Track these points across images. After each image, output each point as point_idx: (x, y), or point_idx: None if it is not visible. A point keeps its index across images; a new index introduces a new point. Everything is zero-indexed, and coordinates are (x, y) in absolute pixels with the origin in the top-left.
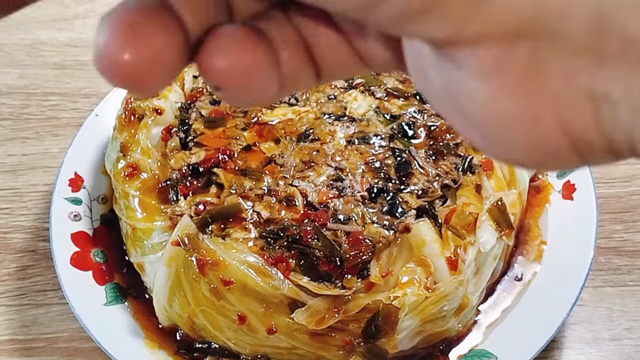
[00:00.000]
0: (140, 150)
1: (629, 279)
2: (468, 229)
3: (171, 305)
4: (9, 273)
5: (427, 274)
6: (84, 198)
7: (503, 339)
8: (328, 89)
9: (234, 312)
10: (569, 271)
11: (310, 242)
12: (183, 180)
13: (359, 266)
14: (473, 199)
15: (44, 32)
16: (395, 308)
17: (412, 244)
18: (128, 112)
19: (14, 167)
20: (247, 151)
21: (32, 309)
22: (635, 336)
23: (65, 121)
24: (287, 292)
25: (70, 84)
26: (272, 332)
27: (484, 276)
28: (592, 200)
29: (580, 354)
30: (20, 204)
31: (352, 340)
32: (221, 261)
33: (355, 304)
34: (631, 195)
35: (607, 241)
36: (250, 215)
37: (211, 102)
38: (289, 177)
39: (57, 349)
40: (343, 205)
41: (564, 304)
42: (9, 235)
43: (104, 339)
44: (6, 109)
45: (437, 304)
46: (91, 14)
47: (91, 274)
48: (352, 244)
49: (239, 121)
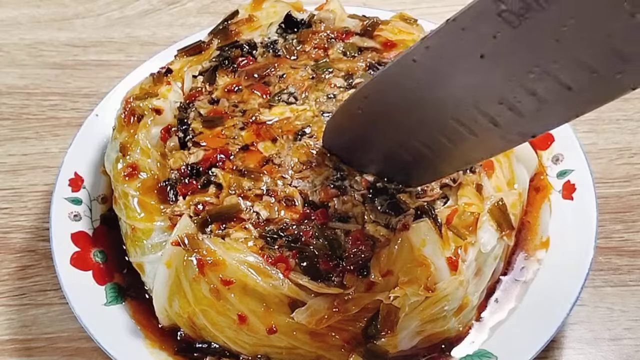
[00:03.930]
0: (139, 150)
1: (629, 279)
2: (469, 230)
3: (171, 305)
4: (9, 273)
5: (427, 274)
6: (84, 198)
7: (503, 339)
8: (328, 88)
9: (234, 312)
10: (569, 271)
11: (310, 241)
12: (182, 180)
13: (359, 265)
14: (474, 199)
15: (44, 32)
16: (395, 308)
17: (412, 243)
18: (128, 112)
19: (14, 167)
20: (245, 151)
21: (32, 309)
22: (635, 336)
23: (65, 121)
24: (287, 291)
25: (70, 84)
26: (272, 332)
27: (484, 276)
28: (592, 200)
29: (580, 354)
30: (20, 204)
31: (352, 340)
32: (221, 261)
33: (355, 304)
34: (631, 195)
35: (607, 241)
36: (250, 215)
37: (210, 101)
38: (288, 178)
39: (57, 349)
40: (343, 205)
41: (564, 304)
42: (9, 235)
43: (104, 339)
44: (6, 109)
45: (437, 304)
46: (91, 14)
47: (91, 274)
48: (352, 242)
49: (237, 120)
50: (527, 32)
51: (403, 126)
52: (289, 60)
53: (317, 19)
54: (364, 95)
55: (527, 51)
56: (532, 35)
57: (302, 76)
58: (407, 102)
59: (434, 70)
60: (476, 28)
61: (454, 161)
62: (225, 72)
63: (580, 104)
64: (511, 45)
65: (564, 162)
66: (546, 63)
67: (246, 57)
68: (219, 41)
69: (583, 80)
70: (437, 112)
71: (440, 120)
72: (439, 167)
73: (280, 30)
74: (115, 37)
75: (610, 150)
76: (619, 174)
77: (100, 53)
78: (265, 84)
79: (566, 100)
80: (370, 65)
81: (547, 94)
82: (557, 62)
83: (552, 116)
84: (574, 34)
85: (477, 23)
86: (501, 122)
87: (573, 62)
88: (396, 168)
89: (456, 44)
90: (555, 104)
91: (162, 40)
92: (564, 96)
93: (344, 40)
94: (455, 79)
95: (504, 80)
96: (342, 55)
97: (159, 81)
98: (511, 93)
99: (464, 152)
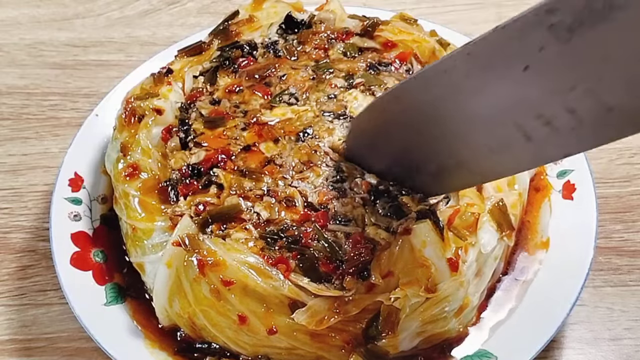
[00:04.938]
0: (140, 150)
1: (629, 279)
2: (469, 230)
3: (171, 305)
4: (9, 273)
5: (428, 275)
6: (84, 198)
7: (503, 339)
8: (328, 89)
9: (235, 313)
10: (569, 271)
11: (310, 243)
12: (183, 180)
13: (360, 267)
14: (476, 199)
15: (44, 32)
16: (396, 309)
17: (413, 245)
18: (128, 112)
19: (14, 167)
20: (247, 151)
21: (32, 309)
22: (635, 336)
23: (65, 121)
24: (288, 292)
25: (70, 84)
26: (273, 333)
27: (484, 277)
28: (592, 200)
29: (580, 354)
30: (20, 204)
31: (353, 340)
32: (222, 261)
33: (355, 305)
34: (631, 195)
35: (607, 241)
36: (250, 215)
37: (211, 102)
38: (288, 178)
39: (57, 349)
40: (343, 207)
41: (564, 304)
42: (9, 235)
43: (104, 339)
44: (6, 109)
45: (438, 305)
46: (91, 14)
47: (91, 274)
48: (353, 245)
49: (238, 121)
50: (576, 48)
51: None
52: (289, 60)
53: (317, 20)
54: (395, 97)
55: (572, 67)
56: (580, 52)
57: (303, 77)
58: (438, 109)
59: (472, 77)
60: (524, 39)
61: (478, 173)
62: (225, 72)
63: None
64: (557, 60)
65: (564, 162)
66: (591, 81)
67: (247, 57)
68: (219, 41)
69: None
70: (469, 122)
71: (471, 130)
72: (463, 178)
73: (281, 31)
74: (115, 37)
75: (610, 150)
76: (619, 174)
77: (100, 53)
78: (266, 84)
79: (605, 121)
80: (371, 65)
81: (586, 113)
82: (602, 82)
83: (587, 137)
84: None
85: (525, 34)
86: (535, 137)
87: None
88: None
89: (500, 53)
90: (592, 124)
91: (162, 40)
92: (603, 117)
93: (344, 40)
94: (493, 89)
95: (545, 95)
96: (342, 56)
97: (160, 81)
98: (550, 108)
99: (491, 165)
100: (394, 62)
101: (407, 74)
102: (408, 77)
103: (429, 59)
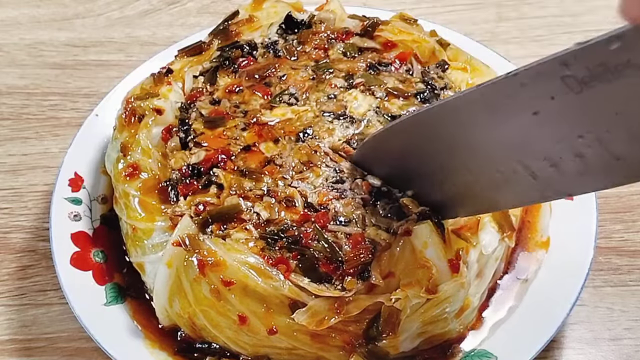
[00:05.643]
0: (140, 150)
1: (629, 279)
2: (471, 231)
3: (171, 305)
4: (9, 273)
5: (429, 276)
6: (84, 198)
7: (503, 338)
8: (328, 89)
9: (235, 313)
10: (569, 271)
11: (310, 243)
12: (183, 180)
13: (360, 268)
14: None
15: (44, 32)
16: (396, 310)
17: (414, 246)
18: (128, 112)
19: (14, 167)
20: (247, 151)
21: (32, 309)
22: (635, 336)
23: (65, 121)
24: (288, 292)
25: (70, 83)
26: (273, 333)
27: (485, 278)
28: (592, 200)
29: (580, 354)
30: (20, 204)
31: (353, 341)
32: (222, 262)
33: (356, 305)
34: (631, 195)
35: (607, 241)
36: (250, 216)
37: (211, 102)
38: (288, 178)
39: (57, 349)
40: (344, 207)
41: (564, 304)
42: (9, 235)
43: (104, 339)
44: (6, 109)
45: (439, 306)
46: (91, 14)
47: (91, 274)
48: (353, 245)
49: (238, 121)
50: (587, 100)
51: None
52: (289, 60)
53: (317, 20)
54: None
55: (582, 117)
56: (591, 103)
57: (303, 77)
58: (447, 143)
59: (483, 117)
60: (536, 86)
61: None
62: (225, 72)
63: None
64: (567, 109)
65: None
66: (600, 131)
67: (247, 57)
68: (219, 41)
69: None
70: (479, 157)
71: (480, 165)
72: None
73: (281, 31)
74: (115, 37)
75: None
76: None
77: (100, 53)
78: (266, 84)
79: (611, 169)
80: (371, 65)
81: (594, 159)
82: (611, 133)
83: (593, 181)
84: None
85: (537, 82)
86: (541, 176)
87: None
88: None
89: (512, 98)
90: (599, 170)
91: (162, 40)
92: (610, 165)
93: (344, 40)
94: (503, 130)
95: (553, 140)
96: (342, 56)
97: (160, 81)
98: (558, 152)
99: (498, 198)
100: (394, 62)
101: (407, 74)
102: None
103: (429, 59)
